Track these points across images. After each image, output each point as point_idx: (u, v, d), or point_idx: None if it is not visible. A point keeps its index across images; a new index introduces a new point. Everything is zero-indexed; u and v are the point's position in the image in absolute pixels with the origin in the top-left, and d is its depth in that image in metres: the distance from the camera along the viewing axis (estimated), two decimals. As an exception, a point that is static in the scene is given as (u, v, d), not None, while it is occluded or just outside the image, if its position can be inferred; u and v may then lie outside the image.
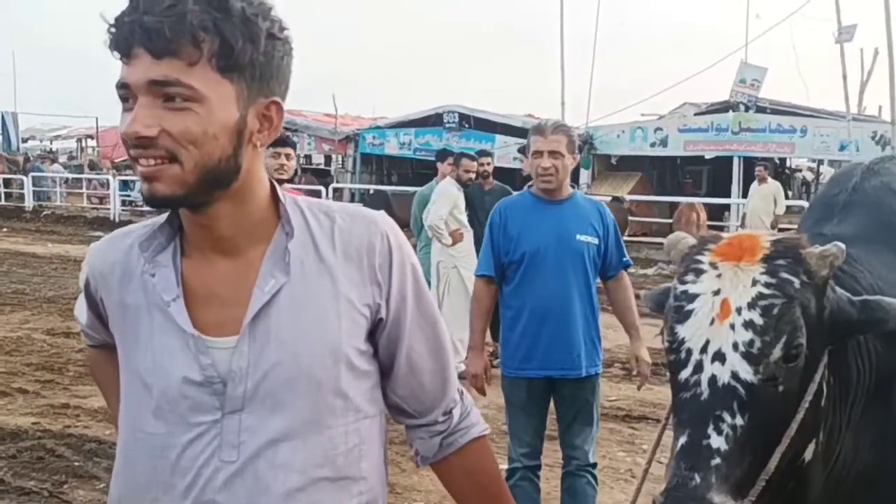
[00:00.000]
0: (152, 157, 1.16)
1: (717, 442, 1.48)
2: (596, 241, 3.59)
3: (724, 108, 19.97)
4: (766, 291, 1.57)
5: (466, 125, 21.69)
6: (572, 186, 3.84)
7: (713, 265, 1.65)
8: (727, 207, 17.98)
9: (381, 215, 1.37)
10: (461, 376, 4.23)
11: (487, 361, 3.80)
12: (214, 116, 1.17)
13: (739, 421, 1.50)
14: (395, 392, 1.37)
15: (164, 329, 1.25)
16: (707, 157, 20.36)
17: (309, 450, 1.24)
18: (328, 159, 26.50)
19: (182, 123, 1.15)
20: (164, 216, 1.31)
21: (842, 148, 17.23)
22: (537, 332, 3.54)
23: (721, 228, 17.21)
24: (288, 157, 4.60)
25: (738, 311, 1.56)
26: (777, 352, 1.54)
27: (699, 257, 1.68)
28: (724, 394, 1.52)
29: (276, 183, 1.35)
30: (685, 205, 15.32)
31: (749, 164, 17.88)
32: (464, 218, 7.01)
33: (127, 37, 1.15)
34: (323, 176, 24.19)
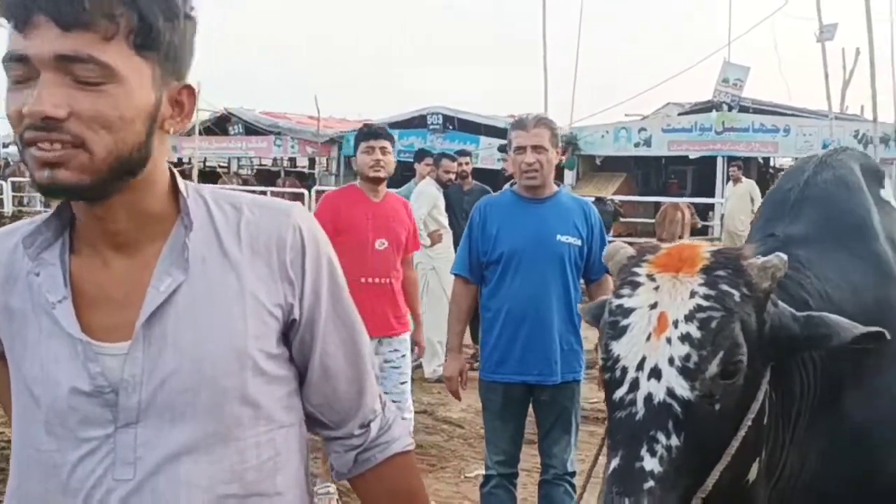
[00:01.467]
0: (56, 140, 1.03)
1: (650, 464, 1.39)
2: (578, 242, 3.47)
3: (707, 107, 20.00)
4: (704, 304, 1.49)
5: (450, 126, 21.65)
6: (557, 185, 3.73)
7: (651, 277, 1.56)
8: (712, 207, 17.98)
9: (296, 206, 1.25)
10: (438, 379, 4.21)
11: (464, 364, 3.71)
12: (132, 99, 1.06)
13: (675, 441, 1.42)
14: (309, 400, 1.25)
15: (51, 334, 1.13)
16: (691, 156, 20.38)
17: (215, 464, 1.12)
18: (312, 162, 26.36)
19: (95, 105, 1.03)
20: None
21: (825, 146, 17.18)
22: (513, 336, 3.44)
23: (706, 228, 17.26)
24: (384, 150, 4.25)
25: (675, 324, 1.48)
26: (714, 367, 1.45)
27: (636, 269, 1.59)
28: (659, 412, 1.43)
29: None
30: (669, 204, 15.27)
31: (734, 163, 17.90)
32: (443, 219, 6.96)
33: (26, 1, 1.01)
34: (304, 179, 24.05)
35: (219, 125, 25.17)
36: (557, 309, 3.41)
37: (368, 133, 4.31)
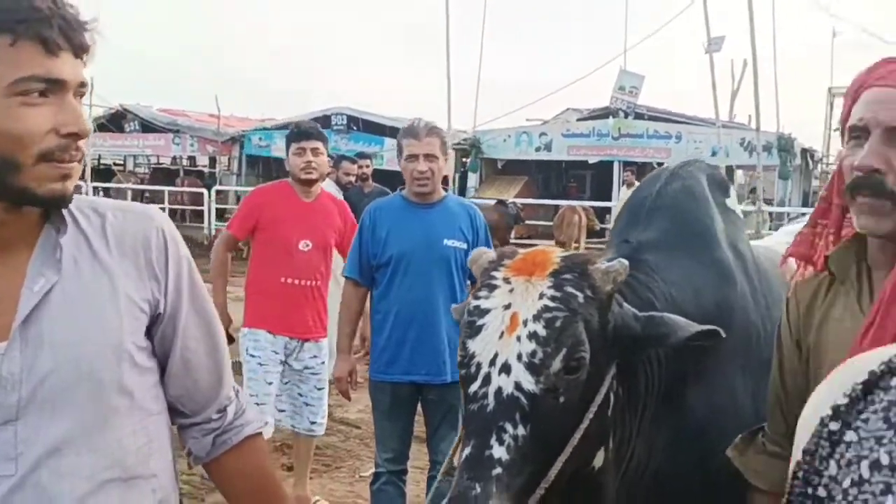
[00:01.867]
0: None
1: (498, 452, 1.50)
2: (464, 245, 3.58)
3: (605, 114, 20.64)
4: (550, 304, 1.61)
5: (355, 127, 21.58)
6: (445, 189, 3.85)
7: (507, 280, 1.67)
8: (609, 210, 18.58)
9: (155, 210, 1.36)
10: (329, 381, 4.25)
11: (354, 365, 3.79)
12: None
13: (521, 431, 1.53)
14: (169, 391, 1.34)
15: None
16: (590, 161, 20.99)
17: (96, 453, 1.20)
18: (213, 161, 25.78)
19: None
20: None
21: (713, 153, 18.07)
22: (402, 337, 3.54)
23: (604, 230, 17.83)
24: (315, 151, 4.18)
25: (525, 323, 1.60)
26: (557, 363, 1.57)
27: (494, 273, 1.70)
28: (507, 405, 1.54)
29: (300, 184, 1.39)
30: (567, 208, 15.69)
31: (629, 168, 18.56)
32: (353, 222, 7.00)
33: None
34: (201, 178, 23.49)
35: (114, 122, 24.30)
36: (445, 311, 3.49)
37: (299, 134, 4.24)
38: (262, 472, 1.45)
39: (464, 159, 20.95)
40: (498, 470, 1.48)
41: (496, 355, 1.59)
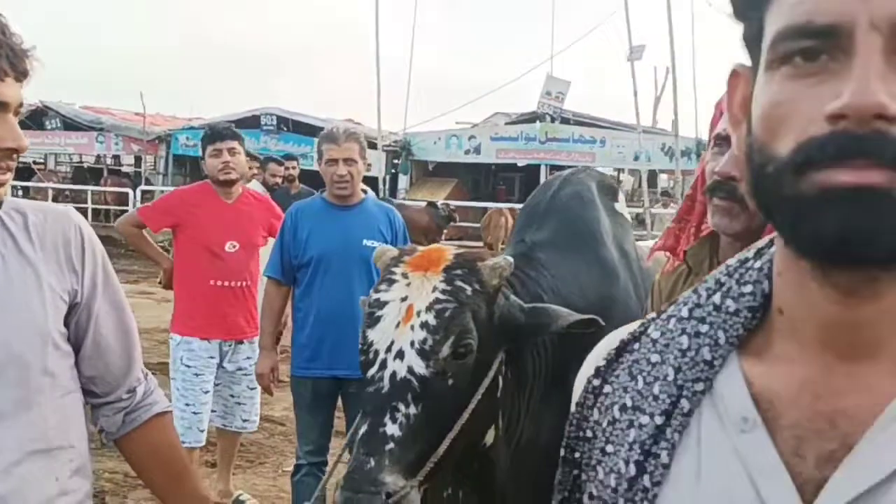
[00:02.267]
0: None
1: (391, 429, 1.67)
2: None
3: (532, 118, 21.04)
4: (441, 297, 1.79)
5: (285, 128, 21.48)
6: (364, 192, 3.97)
7: (405, 275, 1.84)
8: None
9: (72, 210, 1.52)
10: None
11: (276, 361, 3.88)
12: None
13: (413, 410, 1.70)
14: (83, 373, 1.49)
15: None
16: (519, 164, 21.38)
17: (22, 427, 1.34)
18: (138, 160, 25.26)
19: None
20: None
21: (636, 158, 18.67)
22: (323, 335, 3.66)
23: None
24: (232, 151, 4.11)
25: (418, 313, 1.77)
26: (446, 349, 1.75)
27: (394, 269, 1.87)
28: (400, 387, 1.71)
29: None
30: (494, 210, 15.98)
31: (556, 172, 18.95)
32: (270, 222, 7.06)
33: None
34: (127, 177, 22.98)
35: (34, 119, 23.58)
36: None
37: (213, 135, 4.21)
38: (169, 447, 1.61)
39: (394, 161, 21.09)
40: (391, 445, 1.65)
41: (392, 343, 1.76)
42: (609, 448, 0.75)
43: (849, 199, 0.58)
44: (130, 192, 18.59)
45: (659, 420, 0.71)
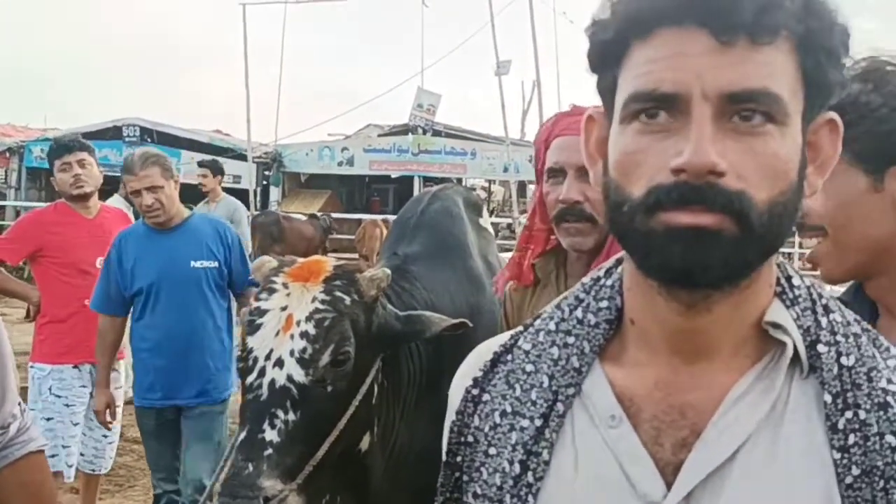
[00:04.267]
0: None
1: (270, 435, 1.73)
2: (215, 263, 3.60)
3: (404, 130, 21.24)
4: (321, 307, 1.87)
5: (148, 139, 20.71)
6: (189, 208, 3.88)
7: (285, 285, 1.92)
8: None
9: None
10: (129, 401, 4.13)
11: (111, 397, 3.76)
12: None
13: (292, 417, 1.77)
14: None
15: None
16: (393, 176, 21.52)
17: None
18: (-12, 173, 23.66)
19: None
20: None
21: (505, 169, 19.17)
22: (160, 364, 3.57)
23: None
24: (82, 163, 3.90)
25: (298, 323, 1.85)
26: (326, 357, 1.83)
27: (275, 278, 1.94)
28: (279, 394, 1.78)
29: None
30: (368, 221, 16.03)
31: (428, 183, 19.24)
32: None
33: None
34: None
35: None
36: (204, 332, 3.57)
37: (59, 148, 4.02)
38: (40, 487, 1.54)
39: (266, 172, 20.77)
40: (269, 451, 1.71)
41: (272, 351, 1.82)
42: (492, 451, 0.83)
43: (688, 236, 0.72)
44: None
45: (538, 422, 0.81)
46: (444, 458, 0.89)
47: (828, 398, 0.76)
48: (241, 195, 10.27)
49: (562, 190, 1.74)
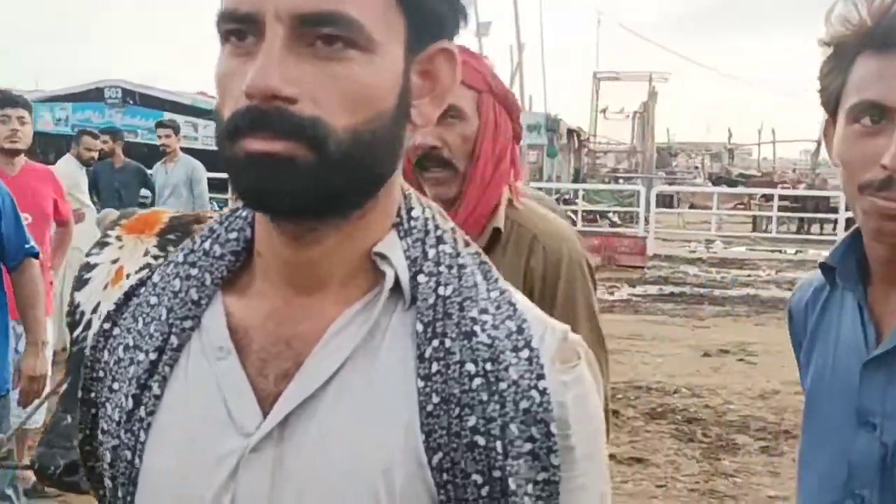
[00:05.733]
0: None
1: None
2: None
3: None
4: (152, 261, 1.86)
5: (130, 101, 20.58)
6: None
7: (118, 237, 1.90)
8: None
9: None
10: None
11: None
12: None
13: None
14: None
15: None
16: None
17: None
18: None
19: None
20: None
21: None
22: None
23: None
24: (21, 120, 3.97)
25: (128, 276, 1.84)
26: None
27: (110, 232, 1.93)
28: None
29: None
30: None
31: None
32: (85, 197, 6.83)
33: None
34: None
35: None
36: None
37: (3, 100, 4.04)
38: None
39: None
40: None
41: (98, 304, 1.82)
42: (115, 385, 0.83)
43: (261, 163, 0.70)
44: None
45: (153, 356, 0.80)
46: (79, 394, 0.88)
47: (419, 327, 0.75)
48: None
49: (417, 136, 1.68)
